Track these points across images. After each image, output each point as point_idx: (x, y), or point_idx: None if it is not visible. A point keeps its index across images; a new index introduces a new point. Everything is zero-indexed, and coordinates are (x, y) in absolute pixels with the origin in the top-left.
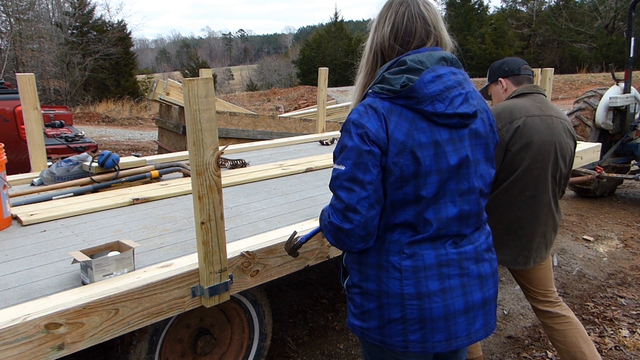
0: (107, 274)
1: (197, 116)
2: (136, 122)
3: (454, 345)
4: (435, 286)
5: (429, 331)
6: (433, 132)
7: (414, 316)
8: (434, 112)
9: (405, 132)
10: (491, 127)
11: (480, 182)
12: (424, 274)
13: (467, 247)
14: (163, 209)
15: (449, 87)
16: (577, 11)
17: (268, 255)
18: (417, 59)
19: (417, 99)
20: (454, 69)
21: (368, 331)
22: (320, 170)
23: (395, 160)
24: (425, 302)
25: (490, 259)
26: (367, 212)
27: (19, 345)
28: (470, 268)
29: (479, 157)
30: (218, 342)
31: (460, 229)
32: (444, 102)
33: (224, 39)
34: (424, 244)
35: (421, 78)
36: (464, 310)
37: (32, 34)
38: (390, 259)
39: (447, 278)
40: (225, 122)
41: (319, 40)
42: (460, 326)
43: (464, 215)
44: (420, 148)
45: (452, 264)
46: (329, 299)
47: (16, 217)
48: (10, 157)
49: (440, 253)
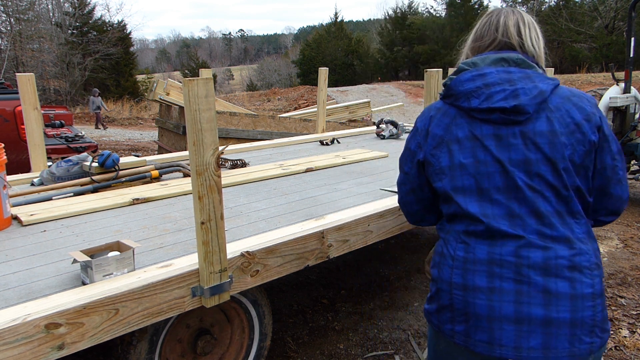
0: (107, 274)
1: (197, 116)
2: (136, 122)
3: (497, 351)
4: (482, 282)
5: (471, 327)
6: (473, 127)
7: (459, 307)
8: (470, 107)
9: (444, 127)
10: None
11: (540, 183)
12: (472, 267)
13: (533, 254)
14: (163, 209)
15: (489, 83)
16: (577, 11)
17: (268, 255)
18: (471, 61)
19: (454, 96)
20: (514, 68)
21: (429, 314)
22: (321, 170)
23: (433, 152)
24: (470, 295)
25: (574, 279)
26: (405, 195)
27: (19, 345)
28: (532, 278)
29: (537, 157)
30: (218, 342)
31: (515, 229)
32: (480, 97)
33: (224, 39)
34: (479, 239)
35: (458, 77)
36: (513, 318)
37: (32, 34)
38: (449, 246)
39: (499, 278)
40: (225, 122)
41: (319, 40)
42: (506, 333)
43: (513, 214)
44: (456, 142)
45: (507, 266)
46: (329, 299)
47: (16, 217)
48: (10, 157)
49: (494, 251)
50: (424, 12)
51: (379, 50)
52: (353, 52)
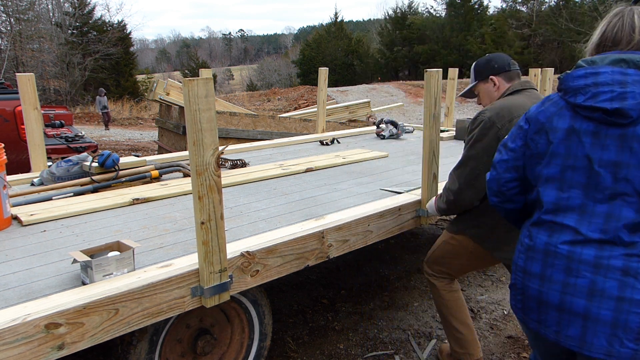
0: (107, 274)
1: (197, 116)
2: (136, 122)
3: (542, 331)
4: (536, 269)
5: (526, 306)
6: (574, 121)
7: (520, 287)
8: (575, 103)
9: (548, 116)
10: None
11: (627, 188)
12: (532, 254)
13: (585, 251)
14: (163, 209)
15: (599, 83)
16: (577, 11)
17: (268, 255)
18: (590, 59)
19: (564, 91)
20: (633, 70)
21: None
22: (320, 170)
23: (533, 137)
24: (527, 279)
25: (626, 283)
26: (502, 172)
27: (19, 345)
28: (582, 273)
29: (630, 161)
30: (218, 342)
31: (579, 225)
32: (586, 94)
33: (224, 39)
34: (542, 228)
35: (570, 73)
36: (556, 306)
37: (32, 34)
38: (522, 232)
39: (551, 267)
40: (225, 122)
41: (319, 40)
42: (550, 317)
43: (586, 212)
44: (554, 131)
45: (559, 258)
46: (329, 299)
47: (16, 217)
48: (10, 157)
49: (551, 242)
50: (424, 12)
51: (379, 50)
52: (353, 52)
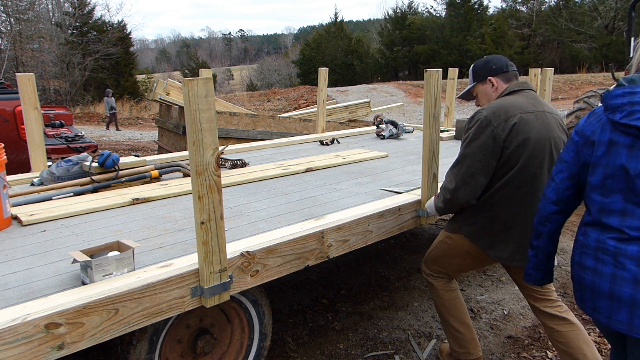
0: (107, 274)
1: (197, 116)
2: (136, 122)
3: (596, 316)
4: (589, 263)
5: (583, 295)
6: (614, 134)
7: (576, 278)
8: (613, 119)
9: (592, 130)
10: None
11: None
12: (585, 250)
13: (630, 247)
14: (163, 209)
15: (635, 102)
16: (577, 11)
17: (268, 255)
18: (630, 78)
19: (604, 107)
20: None
21: None
22: (320, 170)
23: (581, 150)
24: (582, 271)
25: None
26: (560, 182)
27: (19, 345)
28: (628, 267)
29: None
30: (218, 342)
31: (622, 225)
32: (622, 112)
33: (224, 39)
34: (593, 227)
35: (610, 92)
36: (608, 294)
37: (32, 34)
38: (579, 231)
39: (601, 262)
40: (225, 122)
41: (319, 40)
42: (603, 304)
43: (627, 213)
44: (598, 143)
45: (607, 253)
46: (329, 299)
47: (16, 217)
48: (10, 157)
49: (600, 239)
50: (424, 12)
51: (379, 50)
52: (353, 52)
